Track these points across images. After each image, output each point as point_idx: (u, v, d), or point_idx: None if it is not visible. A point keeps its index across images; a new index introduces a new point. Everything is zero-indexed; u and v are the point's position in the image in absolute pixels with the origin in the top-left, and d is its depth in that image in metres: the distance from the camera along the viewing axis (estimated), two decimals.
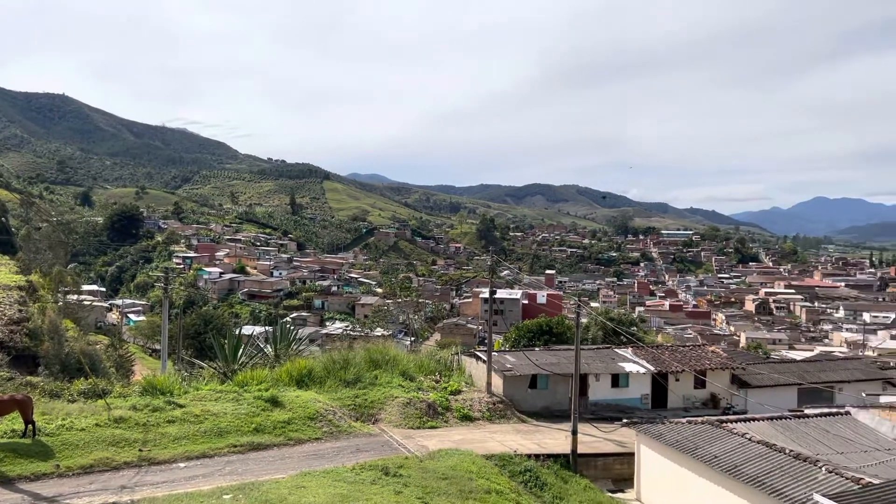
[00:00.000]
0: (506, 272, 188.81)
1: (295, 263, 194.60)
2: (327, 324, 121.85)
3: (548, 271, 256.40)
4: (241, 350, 33.45)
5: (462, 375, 35.22)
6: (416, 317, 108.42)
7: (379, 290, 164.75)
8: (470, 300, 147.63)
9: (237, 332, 40.08)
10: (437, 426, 28.28)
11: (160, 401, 23.77)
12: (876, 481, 14.46)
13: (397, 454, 23.04)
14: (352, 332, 76.58)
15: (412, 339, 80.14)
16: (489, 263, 40.44)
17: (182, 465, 20.17)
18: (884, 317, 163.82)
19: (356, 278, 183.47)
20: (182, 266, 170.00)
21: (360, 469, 20.39)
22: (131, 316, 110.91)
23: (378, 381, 31.16)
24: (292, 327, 43.80)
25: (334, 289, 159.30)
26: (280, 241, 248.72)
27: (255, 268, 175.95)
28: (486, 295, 37.29)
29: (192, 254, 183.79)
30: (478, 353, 35.65)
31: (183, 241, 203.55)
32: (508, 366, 33.51)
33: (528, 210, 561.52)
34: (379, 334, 73.75)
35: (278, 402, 25.66)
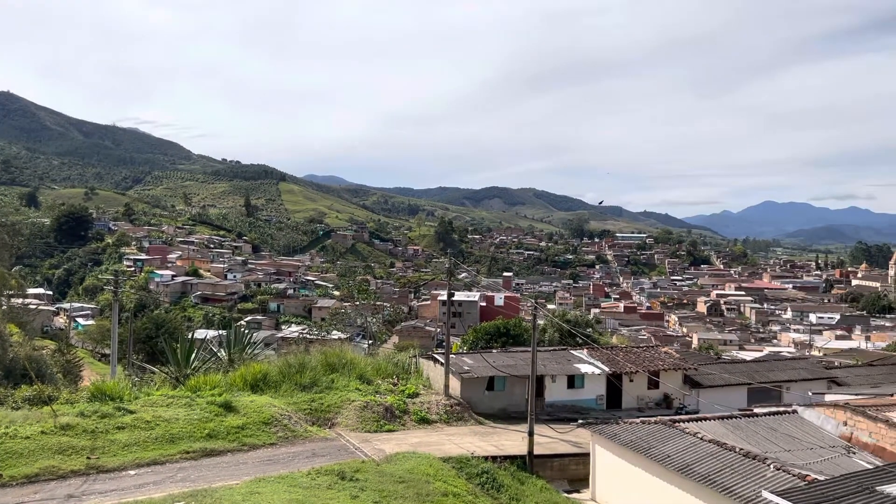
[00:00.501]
0: (464, 275, 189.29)
1: (250, 266, 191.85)
2: (283, 327, 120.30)
3: (505, 273, 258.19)
4: (194, 354, 32.84)
5: (420, 378, 35.17)
6: (374, 320, 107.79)
7: (336, 293, 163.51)
8: (428, 303, 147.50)
9: (190, 336, 39.26)
10: (394, 429, 28.18)
11: (109, 407, 23.18)
12: (821, 478, 14.91)
13: (354, 458, 22.89)
14: (308, 336, 75.66)
15: (370, 342, 79.63)
16: (447, 266, 40.51)
17: (132, 472, 19.70)
18: (829, 317, 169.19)
19: (313, 281, 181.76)
20: (133, 269, 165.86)
21: (315, 474, 20.20)
22: (80, 320, 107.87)
23: (335, 384, 30.91)
24: (247, 331, 43.20)
25: (290, 292, 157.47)
26: (235, 244, 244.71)
27: (209, 270, 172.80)
28: (445, 297, 37.33)
29: (143, 256, 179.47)
30: (436, 356, 35.64)
31: (134, 243, 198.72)
32: (466, 368, 33.57)
33: (485, 213, 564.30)
34: (336, 337, 73.12)
35: (232, 408, 25.26)
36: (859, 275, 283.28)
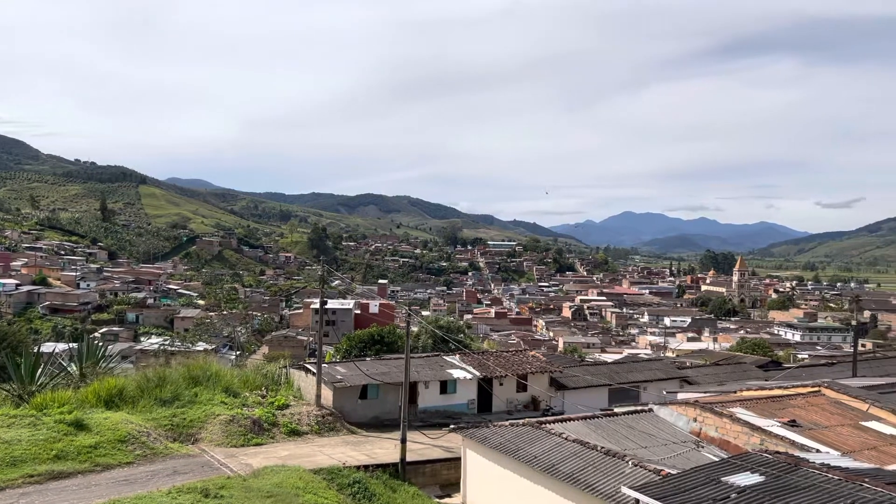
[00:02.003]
0: (337, 282, 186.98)
1: (106, 274, 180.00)
2: (142, 339, 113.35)
3: (380, 281, 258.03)
4: (40, 370, 30.13)
5: (290, 389, 34.25)
6: (243, 329, 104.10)
7: (201, 302, 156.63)
8: (301, 311, 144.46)
9: (36, 350, 36.08)
10: (262, 443, 27.24)
11: None
12: (674, 472, 15.87)
13: (219, 474, 21.87)
14: (170, 348, 71.84)
15: (238, 353, 76.77)
16: (320, 273, 39.76)
17: None
18: (681, 321, 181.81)
19: (175, 290, 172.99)
20: None
21: (176, 493, 19.09)
22: None
23: (198, 398, 29.45)
24: (101, 343, 40.27)
25: (150, 301, 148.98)
26: (89, 250, 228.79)
27: (59, 279, 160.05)
28: (318, 305, 36.57)
29: None
30: (307, 366, 34.86)
31: None
32: (339, 377, 33.08)
33: (361, 220, 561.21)
34: (201, 349, 69.84)
35: (84, 426, 23.46)
36: (708, 281, 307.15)
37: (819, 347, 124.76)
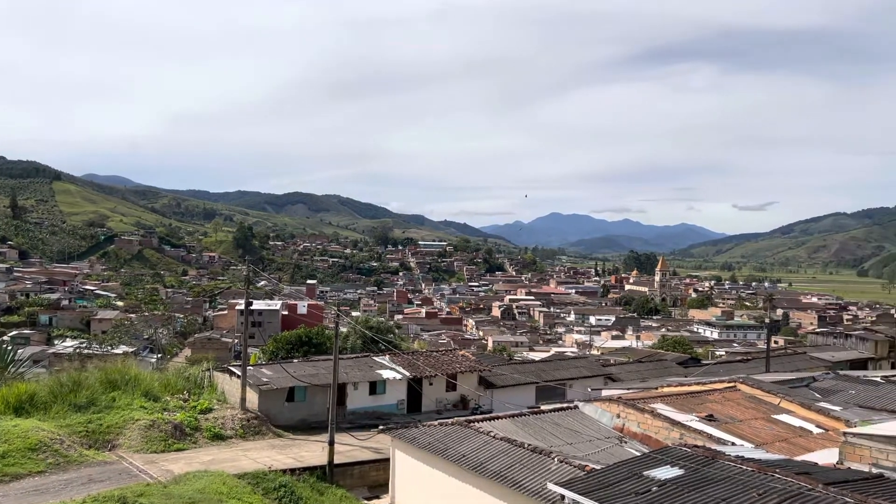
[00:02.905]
0: (263, 282, 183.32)
1: (16, 274, 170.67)
2: (56, 342, 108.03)
3: (309, 281, 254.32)
4: None
5: (214, 393, 33.33)
6: (164, 331, 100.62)
7: (120, 304, 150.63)
8: (225, 312, 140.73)
9: None
10: (184, 448, 26.43)
11: None
12: (598, 467, 16.23)
13: (137, 482, 21.11)
14: (86, 351, 68.76)
15: (159, 355, 74.15)
16: (245, 273, 38.89)
17: None
18: (606, 319, 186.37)
19: (92, 290, 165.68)
20: None
21: (92, 501, 18.34)
22: None
23: (116, 403, 28.34)
24: (10, 347, 38.29)
25: (65, 302, 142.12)
26: None
27: None
28: (243, 306, 35.80)
29: None
30: (232, 368, 33.98)
31: None
32: (265, 380, 32.39)
33: (289, 219, 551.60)
34: (120, 352, 67.14)
35: None
36: (631, 280, 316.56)
37: (735, 344, 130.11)
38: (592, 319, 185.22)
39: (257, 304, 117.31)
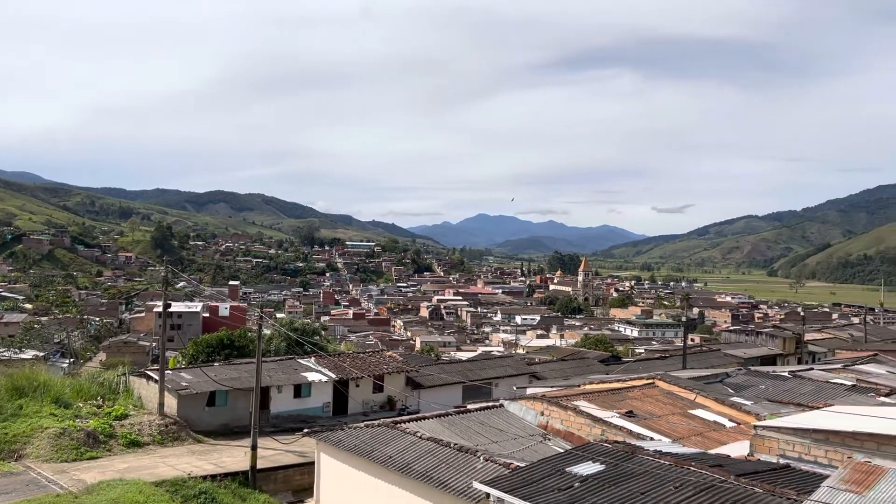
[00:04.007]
0: (183, 283, 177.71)
1: None
2: None
3: (232, 282, 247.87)
4: None
5: (130, 398, 32.07)
6: (77, 335, 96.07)
7: (28, 306, 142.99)
8: (142, 315, 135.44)
9: None
10: (98, 456, 25.33)
11: None
12: (522, 464, 16.44)
13: (47, 492, 20.10)
14: None
15: (71, 360, 70.74)
16: (164, 274, 37.57)
17: None
18: (531, 319, 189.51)
19: None
20: None
21: None
22: None
23: (23, 411, 26.93)
24: None
25: None
26: None
27: None
28: (161, 308, 34.60)
29: None
30: (149, 373, 32.78)
31: None
32: (184, 384, 31.39)
33: (210, 218, 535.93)
34: (29, 357, 63.68)
35: None
36: (555, 280, 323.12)
37: (654, 342, 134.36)
38: (518, 319, 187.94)
39: (176, 307, 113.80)
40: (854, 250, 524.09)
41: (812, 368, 36.48)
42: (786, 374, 32.68)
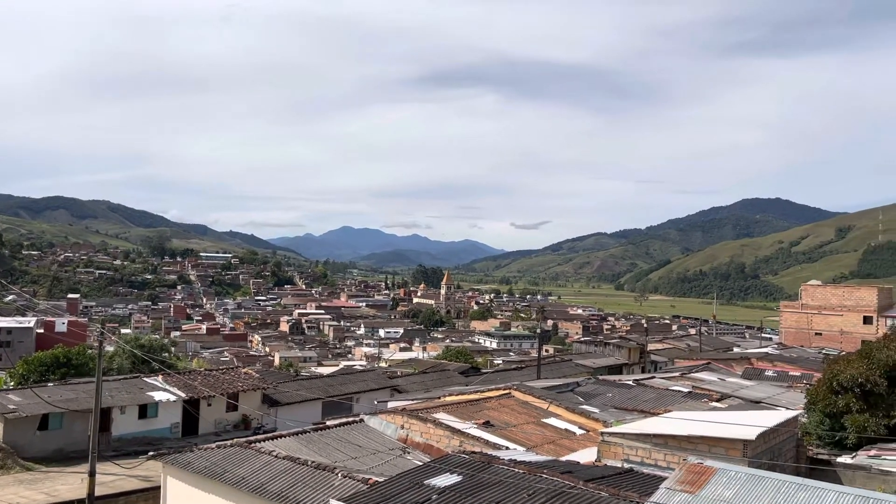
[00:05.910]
0: (13, 297, 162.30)
1: None
2: None
3: (71, 295, 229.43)
4: None
5: None
6: None
7: None
8: None
9: None
10: None
11: None
12: (381, 479, 16.29)
13: None
14: None
15: None
16: None
17: None
18: (395, 332, 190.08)
19: None
20: None
21: None
22: None
23: None
24: None
25: None
26: None
27: None
28: None
29: None
30: None
31: None
32: (11, 406, 28.54)
33: (48, 226, 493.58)
34: None
35: None
36: (419, 294, 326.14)
37: (511, 353, 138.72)
38: (382, 332, 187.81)
39: (5, 322, 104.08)
40: (691, 266, 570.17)
41: (654, 377, 39.09)
42: (630, 382, 34.76)
